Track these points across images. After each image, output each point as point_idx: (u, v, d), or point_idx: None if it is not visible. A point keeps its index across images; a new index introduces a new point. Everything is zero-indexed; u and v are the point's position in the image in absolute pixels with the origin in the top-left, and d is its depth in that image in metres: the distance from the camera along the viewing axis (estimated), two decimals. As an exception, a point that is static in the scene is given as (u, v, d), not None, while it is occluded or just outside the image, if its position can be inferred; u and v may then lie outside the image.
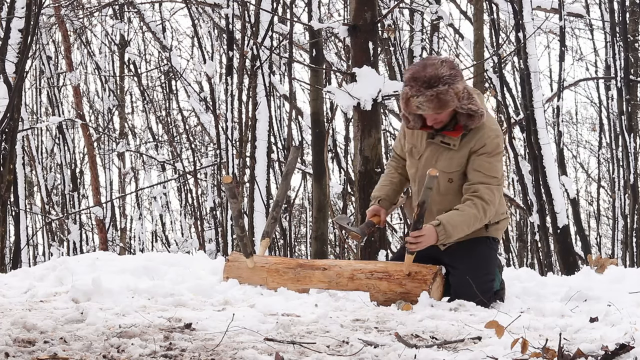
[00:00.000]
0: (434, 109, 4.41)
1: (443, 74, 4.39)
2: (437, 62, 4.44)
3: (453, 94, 4.39)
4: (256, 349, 3.18)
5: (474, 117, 4.47)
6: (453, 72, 4.41)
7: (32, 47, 11.70)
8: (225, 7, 11.75)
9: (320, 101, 10.65)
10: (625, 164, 13.78)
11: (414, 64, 4.57)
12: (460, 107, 4.43)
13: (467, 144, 4.53)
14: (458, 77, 4.42)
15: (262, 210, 10.60)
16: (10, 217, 12.75)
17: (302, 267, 4.71)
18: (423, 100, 4.39)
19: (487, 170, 4.51)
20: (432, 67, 4.42)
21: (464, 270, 4.51)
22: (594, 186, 22.50)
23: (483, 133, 4.52)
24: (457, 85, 4.41)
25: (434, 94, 4.37)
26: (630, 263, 13.87)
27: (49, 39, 16.96)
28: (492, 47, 13.92)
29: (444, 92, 4.37)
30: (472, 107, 4.45)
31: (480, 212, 4.47)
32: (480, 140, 4.52)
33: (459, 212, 4.47)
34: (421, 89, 4.39)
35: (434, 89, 4.37)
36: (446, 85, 4.37)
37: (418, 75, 4.41)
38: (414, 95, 4.41)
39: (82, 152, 19.09)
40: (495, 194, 4.53)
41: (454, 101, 4.40)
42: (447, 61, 4.45)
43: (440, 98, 4.38)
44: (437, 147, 4.59)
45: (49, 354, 3.02)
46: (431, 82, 4.38)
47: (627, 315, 3.88)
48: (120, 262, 5.21)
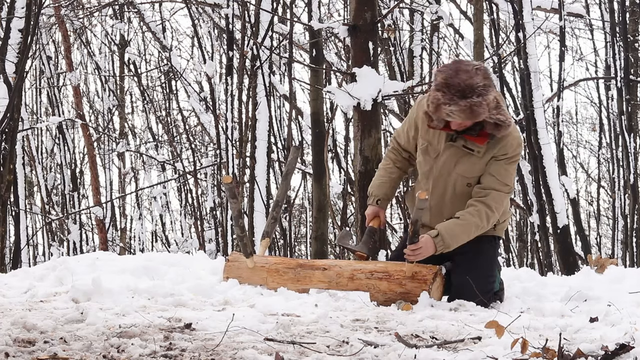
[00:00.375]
0: (466, 119, 4.33)
1: (477, 84, 4.28)
2: (471, 70, 4.32)
3: (485, 105, 4.30)
4: (256, 349, 3.18)
5: (501, 127, 4.41)
6: (487, 82, 4.32)
7: (32, 47, 11.70)
8: (225, 7, 11.75)
9: (320, 101, 10.65)
10: (625, 164, 13.78)
11: (445, 66, 4.43)
12: (489, 117, 4.37)
13: (491, 150, 4.50)
14: (491, 87, 4.34)
15: (262, 210, 10.60)
16: (10, 217, 12.75)
17: (302, 267, 4.71)
18: (455, 110, 4.29)
19: (502, 177, 4.50)
20: (466, 74, 4.30)
21: (467, 270, 4.50)
22: (594, 186, 22.51)
23: (507, 141, 4.49)
24: (489, 95, 4.31)
25: (467, 105, 4.27)
26: (630, 263, 13.87)
27: (49, 39, 16.96)
28: (492, 47, 13.93)
29: (477, 104, 4.27)
30: (501, 117, 4.39)
31: (483, 221, 4.46)
32: (503, 148, 4.49)
33: (460, 222, 4.44)
34: (454, 98, 4.28)
35: (467, 99, 4.27)
36: (480, 97, 4.27)
37: (452, 82, 4.30)
38: (447, 104, 4.30)
39: (82, 152, 19.09)
40: (503, 203, 4.52)
41: (485, 112, 4.32)
42: (480, 69, 4.35)
43: (473, 110, 4.28)
44: (457, 150, 4.53)
45: (49, 354, 3.02)
46: (465, 92, 4.27)
47: (627, 315, 3.88)
48: (120, 262, 5.21)
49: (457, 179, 4.54)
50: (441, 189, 4.59)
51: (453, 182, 4.55)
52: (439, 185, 4.59)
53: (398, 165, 4.86)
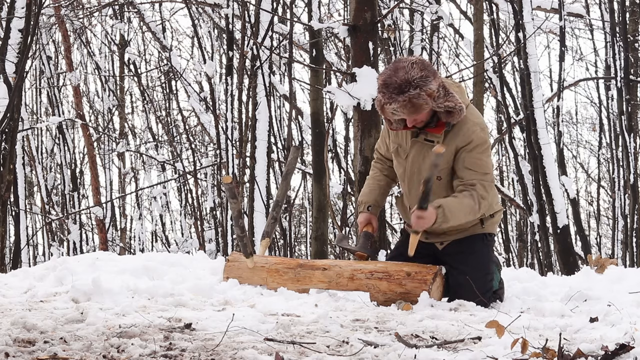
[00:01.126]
0: (409, 113, 4.39)
1: (413, 77, 4.34)
2: (407, 65, 4.39)
3: (426, 96, 4.34)
4: (256, 349, 3.19)
5: (452, 113, 4.44)
6: (424, 74, 4.36)
7: (32, 47, 11.70)
8: (225, 7, 11.75)
9: (320, 101, 10.65)
10: (625, 164, 13.77)
11: (386, 68, 4.53)
12: (436, 106, 4.41)
13: (453, 140, 4.51)
14: (429, 77, 4.37)
15: (262, 210, 10.60)
16: (10, 217, 12.76)
17: (302, 267, 4.71)
18: (397, 107, 4.37)
19: (479, 167, 4.50)
20: (402, 70, 4.37)
21: (463, 270, 4.51)
22: (594, 186, 22.51)
23: (467, 128, 4.50)
24: (430, 86, 4.35)
25: (406, 99, 4.34)
26: (630, 263, 13.87)
27: (49, 39, 16.96)
28: (492, 47, 13.93)
29: (416, 96, 4.33)
30: (449, 103, 4.42)
31: (476, 205, 4.46)
32: (465, 136, 4.50)
33: (457, 200, 4.46)
34: (393, 95, 4.36)
35: (405, 94, 4.34)
36: (417, 88, 4.33)
37: (390, 81, 4.38)
38: (387, 102, 4.39)
39: (82, 152, 19.09)
40: (488, 191, 4.52)
41: (427, 103, 4.36)
42: (417, 62, 4.41)
43: (413, 102, 4.34)
44: (422, 145, 4.58)
45: (49, 354, 3.02)
46: (402, 88, 4.34)
47: (627, 315, 3.88)
48: (120, 262, 5.21)
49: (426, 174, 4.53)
50: (416, 188, 4.60)
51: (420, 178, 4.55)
52: (414, 184, 4.63)
53: (385, 173, 4.92)
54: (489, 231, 4.69)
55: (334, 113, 10.96)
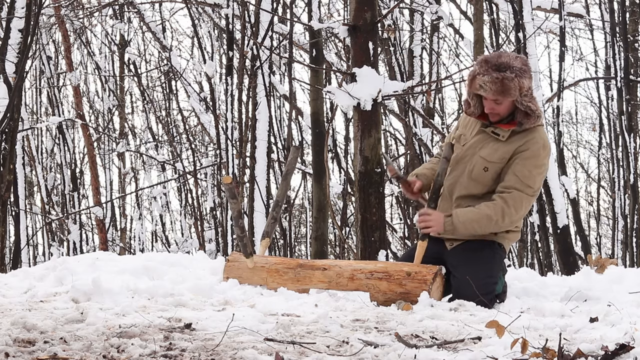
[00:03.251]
0: (496, 92, 4.46)
1: (514, 64, 4.48)
2: (512, 55, 4.55)
3: (517, 84, 4.45)
4: (256, 349, 3.18)
5: (530, 116, 4.52)
6: (524, 68, 4.51)
7: (32, 47, 11.70)
8: (225, 7, 11.75)
9: (320, 101, 10.65)
10: (625, 164, 13.77)
11: (490, 53, 4.71)
12: (520, 102, 4.49)
13: (516, 141, 4.55)
14: (527, 73, 4.51)
15: (262, 210, 10.60)
16: (10, 217, 12.75)
17: (302, 267, 4.71)
18: (487, 80, 4.46)
19: (525, 178, 4.52)
20: (506, 56, 4.53)
21: (465, 270, 4.50)
22: (594, 186, 22.50)
23: (534, 136, 4.56)
24: (524, 79, 4.49)
25: (499, 77, 4.44)
26: (630, 263, 13.86)
27: (49, 39, 16.96)
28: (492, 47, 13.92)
29: (509, 79, 4.44)
30: (531, 105, 4.51)
31: (497, 215, 4.47)
32: (528, 143, 4.54)
33: (474, 210, 4.49)
34: (489, 70, 4.47)
35: (501, 72, 4.45)
36: (514, 74, 4.46)
37: (491, 59, 4.52)
38: (481, 74, 4.48)
39: (82, 152, 19.09)
40: (523, 204, 4.52)
41: (515, 91, 4.46)
42: (521, 58, 4.57)
43: (504, 83, 4.44)
44: (486, 136, 4.62)
45: (49, 354, 3.02)
46: (500, 67, 4.47)
47: (627, 315, 3.88)
48: (120, 262, 5.21)
49: (477, 161, 4.59)
50: (459, 171, 4.64)
51: (472, 164, 4.60)
52: (459, 167, 4.65)
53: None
54: (501, 241, 4.69)
55: (334, 113, 10.96)
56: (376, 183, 7.65)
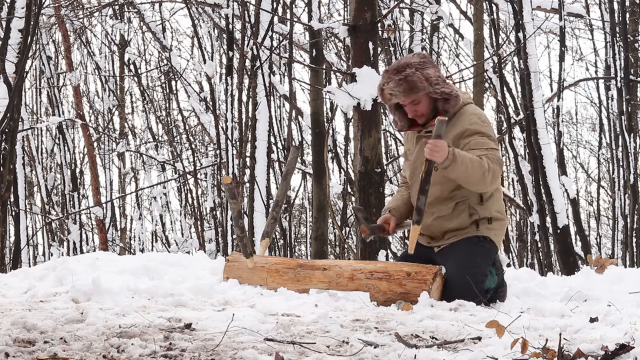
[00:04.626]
0: (404, 93, 4.53)
1: (412, 61, 4.58)
2: (410, 55, 4.68)
3: (421, 76, 4.52)
4: (256, 349, 3.18)
5: (449, 100, 4.56)
6: (423, 60, 4.59)
7: (32, 47, 11.70)
8: (225, 7, 11.75)
9: (320, 101, 10.65)
10: (625, 164, 13.77)
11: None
12: (433, 91, 4.54)
13: (451, 129, 4.57)
14: (428, 64, 4.58)
15: (262, 210, 10.60)
16: (10, 217, 12.75)
17: (302, 267, 4.71)
18: (393, 86, 4.54)
19: (483, 145, 4.54)
20: (404, 59, 4.67)
21: (450, 267, 4.54)
22: (594, 186, 22.50)
23: (464, 117, 4.60)
24: (427, 70, 4.55)
25: (402, 78, 4.53)
26: (630, 263, 13.86)
27: (49, 39, 16.96)
28: (492, 47, 13.92)
29: (411, 75, 4.52)
30: (445, 89, 4.55)
31: (486, 165, 4.46)
32: (462, 124, 4.58)
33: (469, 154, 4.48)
34: (390, 76, 4.57)
35: (401, 73, 4.54)
36: (414, 68, 4.54)
37: (390, 68, 4.64)
38: (385, 83, 4.58)
39: (82, 152, 19.09)
40: (498, 160, 4.52)
41: (422, 83, 4.52)
42: (419, 54, 4.69)
43: (408, 80, 4.52)
44: (424, 142, 4.60)
45: (49, 354, 3.02)
46: (400, 69, 4.57)
47: (627, 315, 3.88)
48: (120, 262, 5.21)
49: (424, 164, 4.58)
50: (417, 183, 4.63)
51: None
52: (415, 180, 4.69)
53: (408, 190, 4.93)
54: (484, 234, 4.68)
55: (334, 113, 10.96)
56: (376, 183, 7.66)
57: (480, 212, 4.65)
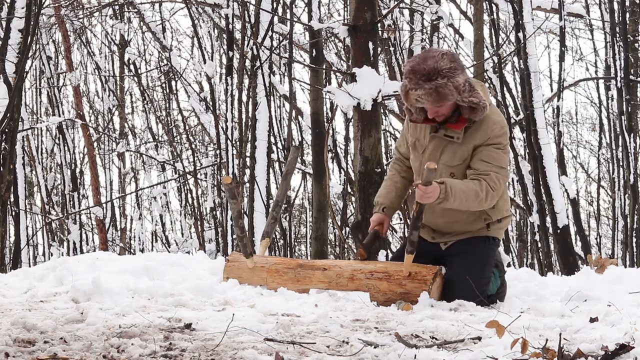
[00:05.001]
0: (433, 102, 4.38)
1: (442, 67, 4.35)
2: (437, 55, 4.40)
3: (452, 87, 4.35)
4: (256, 349, 3.18)
5: (476, 109, 4.43)
6: (453, 65, 4.38)
7: (32, 47, 11.70)
8: (225, 7, 11.75)
9: (320, 101, 10.65)
10: (625, 164, 13.77)
11: (415, 56, 4.53)
12: (461, 100, 4.40)
13: (472, 137, 4.50)
14: (458, 70, 4.38)
15: (262, 210, 10.60)
16: (10, 217, 12.75)
17: (302, 267, 4.71)
18: (422, 94, 4.36)
19: (495, 161, 4.48)
20: (432, 59, 4.38)
21: (458, 270, 4.51)
22: (594, 186, 22.50)
23: (487, 126, 4.49)
24: (457, 78, 4.37)
25: (432, 87, 4.34)
26: (630, 263, 13.87)
27: (49, 39, 16.96)
28: (492, 47, 13.92)
29: (442, 86, 4.33)
30: (474, 99, 4.41)
31: (483, 193, 4.43)
32: (485, 133, 4.49)
33: (463, 182, 4.44)
34: (420, 82, 4.36)
35: (432, 82, 4.34)
36: (445, 78, 4.34)
37: (417, 67, 4.38)
38: (413, 89, 4.38)
39: (82, 152, 19.09)
40: (501, 184, 4.49)
41: (453, 94, 4.36)
42: (447, 54, 4.42)
43: (439, 91, 4.34)
44: (440, 141, 4.56)
45: (49, 354, 3.02)
46: (430, 75, 4.35)
47: (627, 315, 3.88)
48: (120, 262, 5.21)
49: (442, 169, 4.54)
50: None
51: (439, 174, 4.54)
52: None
53: (403, 174, 4.88)
54: (494, 235, 4.68)
55: (334, 113, 10.96)
56: (376, 183, 7.65)
57: (493, 216, 4.65)
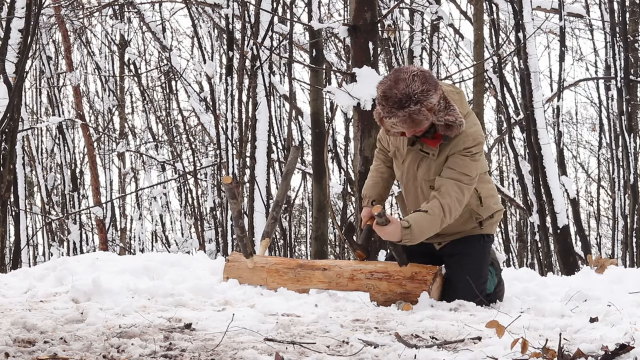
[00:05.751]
0: (409, 128, 4.32)
1: (414, 90, 4.24)
2: (408, 77, 4.27)
3: (426, 111, 4.25)
4: (256, 349, 3.18)
5: (452, 127, 4.37)
6: (425, 87, 4.25)
7: (32, 47, 11.70)
8: (225, 7, 11.75)
9: (320, 101, 10.65)
10: (625, 164, 13.77)
11: (386, 77, 4.40)
12: (436, 120, 4.33)
13: (444, 151, 4.48)
14: (431, 91, 4.27)
15: (262, 210, 10.60)
16: (10, 217, 12.76)
17: (302, 267, 4.71)
18: (396, 121, 4.28)
19: (460, 167, 4.43)
20: (402, 83, 4.26)
21: (456, 272, 4.52)
22: (594, 186, 22.52)
23: (459, 139, 4.44)
24: (430, 100, 4.26)
25: (406, 115, 4.25)
26: (630, 263, 13.87)
27: (49, 39, 16.96)
28: (492, 47, 13.93)
29: (416, 112, 4.24)
30: (449, 118, 4.34)
31: (447, 215, 4.40)
32: (456, 146, 4.46)
33: (428, 217, 4.38)
34: (393, 110, 4.27)
35: (405, 109, 4.24)
36: (418, 104, 4.24)
37: (390, 93, 4.27)
38: (387, 117, 4.30)
39: (82, 152, 19.10)
40: (464, 193, 4.44)
41: (428, 118, 4.28)
42: (418, 74, 4.29)
43: (413, 118, 4.25)
44: (416, 154, 4.55)
45: (49, 354, 3.02)
46: (402, 102, 4.24)
47: (627, 315, 3.88)
48: (120, 262, 5.21)
49: (421, 182, 4.55)
50: (413, 193, 4.63)
51: (419, 186, 4.56)
52: (410, 189, 4.64)
53: (388, 164, 4.86)
54: (488, 232, 4.69)
55: (334, 113, 10.96)
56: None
57: (483, 213, 4.64)
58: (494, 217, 4.70)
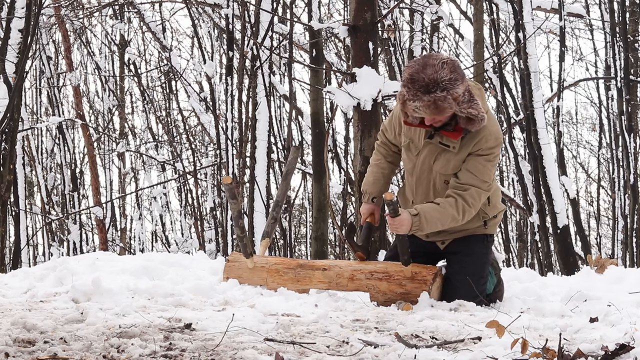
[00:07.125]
0: (431, 114, 4.29)
1: (442, 78, 4.21)
2: (437, 64, 4.24)
3: (452, 99, 4.22)
4: (256, 349, 3.18)
5: (474, 121, 4.34)
6: (453, 76, 4.23)
7: (32, 47, 11.70)
8: (225, 7, 11.75)
9: (320, 101, 10.65)
10: (625, 164, 13.77)
11: (414, 61, 4.37)
12: (459, 110, 4.29)
13: (466, 146, 4.44)
14: (458, 80, 4.24)
15: (262, 210, 10.60)
16: (10, 217, 12.76)
17: (302, 267, 4.71)
18: (420, 105, 4.24)
19: (480, 173, 4.43)
20: (431, 68, 4.23)
21: (457, 270, 4.52)
22: (594, 186, 22.52)
23: (483, 136, 4.42)
24: (457, 89, 4.23)
25: (431, 100, 4.21)
26: (630, 263, 13.87)
27: (49, 39, 16.96)
28: (492, 47, 13.93)
29: (441, 99, 4.21)
30: (472, 111, 4.31)
31: (459, 215, 4.40)
32: (479, 143, 4.43)
33: (439, 209, 4.39)
34: (418, 94, 4.22)
35: (431, 94, 4.21)
36: (444, 91, 4.20)
37: (417, 77, 4.24)
38: (411, 99, 4.25)
39: (82, 152, 19.10)
40: (481, 199, 4.46)
41: (452, 107, 4.25)
42: (448, 62, 4.26)
43: (437, 104, 4.22)
44: (435, 147, 4.50)
45: (49, 354, 3.02)
46: (429, 87, 4.21)
47: (627, 315, 3.88)
48: (120, 262, 5.21)
49: (436, 176, 4.53)
50: (424, 186, 4.59)
51: (433, 179, 4.53)
52: (422, 182, 4.59)
53: (389, 159, 4.84)
54: (490, 232, 4.69)
55: (334, 113, 10.97)
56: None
57: (490, 213, 4.64)
58: (497, 218, 4.70)
